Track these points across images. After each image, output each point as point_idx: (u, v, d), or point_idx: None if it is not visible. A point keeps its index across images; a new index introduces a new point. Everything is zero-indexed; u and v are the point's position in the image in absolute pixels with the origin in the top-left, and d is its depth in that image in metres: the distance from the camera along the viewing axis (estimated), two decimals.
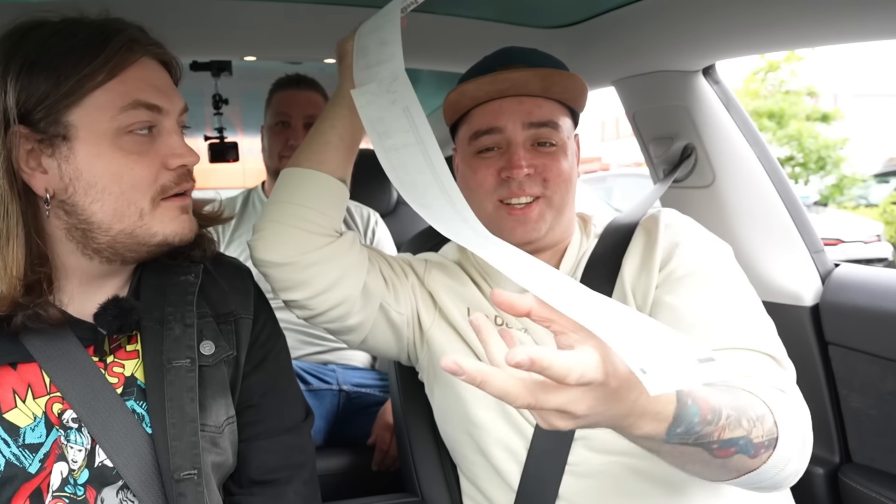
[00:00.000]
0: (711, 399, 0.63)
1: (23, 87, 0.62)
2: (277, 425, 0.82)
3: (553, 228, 0.90)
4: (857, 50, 2.87)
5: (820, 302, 1.20)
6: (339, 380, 1.47)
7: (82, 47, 0.64)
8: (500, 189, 0.88)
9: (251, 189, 1.71)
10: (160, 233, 0.70)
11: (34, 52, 0.63)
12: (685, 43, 1.12)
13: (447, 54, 1.32)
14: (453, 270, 1.00)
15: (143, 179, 0.68)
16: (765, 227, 1.27)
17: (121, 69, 0.65)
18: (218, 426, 0.75)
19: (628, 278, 0.88)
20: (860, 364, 1.11)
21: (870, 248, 6.53)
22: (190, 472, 0.69)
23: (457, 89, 0.90)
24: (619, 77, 1.32)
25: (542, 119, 0.87)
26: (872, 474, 1.10)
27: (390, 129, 0.84)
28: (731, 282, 0.83)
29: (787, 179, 1.29)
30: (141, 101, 0.66)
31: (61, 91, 0.62)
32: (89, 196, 0.66)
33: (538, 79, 0.85)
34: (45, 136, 0.64)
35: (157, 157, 0.69)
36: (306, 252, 0.82)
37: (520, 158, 0.85)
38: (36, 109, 0.63)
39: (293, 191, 0.86)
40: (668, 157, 1.29)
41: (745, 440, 0.65)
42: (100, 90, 0.64)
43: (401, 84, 0.86)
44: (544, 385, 0.47)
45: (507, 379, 0.46)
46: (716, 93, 1.24)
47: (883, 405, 1.07)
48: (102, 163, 0.65)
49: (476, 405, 0.89)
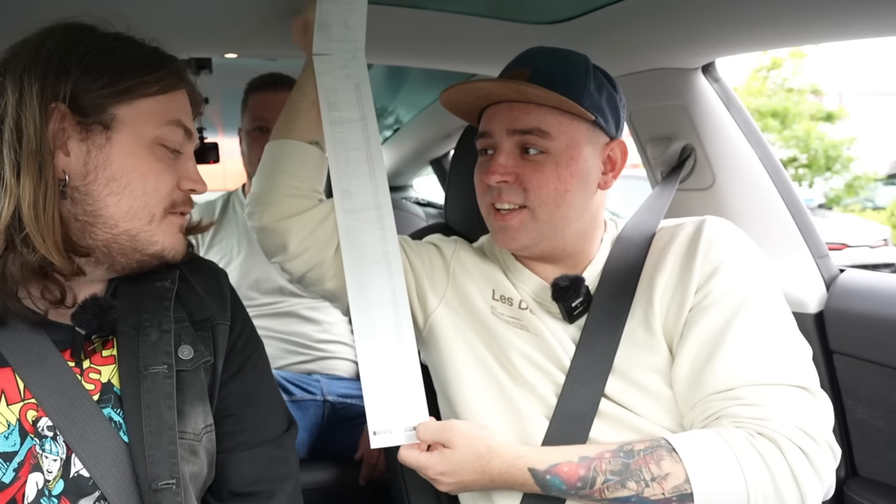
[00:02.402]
0: (582, 469, 0.78)
1: (84, 72, 0.67)
2: (257, 436, 0.82)
3: (542, 240, 0.90)
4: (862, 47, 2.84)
5: (824, 309, 1.19)
6: (324, 390, 1.47)
7: (147, 59, 0.72)
8: (489, 193, 0.90)
9: (231, 192, 1.72)
10: (160, 243, 0.74)
11: (98, 47, 0.69)
12: (684, 39, 1.11)
13: (438, 51, 1.33)
14: (482, 255, 1.05)
15: (164, 188, 0.73)
16: (767, 231, 1.25)
17: (171, 90, 0.73)
18: (196, 433, 0.75)
19: (658, 293, 0.88)
20: (866, 374, 1.09)
21: (876, 253, 6.45)
22: (168, 482, 0.68)
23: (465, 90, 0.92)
24: (615, 75, 1.27)
25: (526, 126, 0.86)
26: (879, 489, 1.09)
27: (340, 101, 0.95)
28: (768, 311, 0.83)
29: (791, 181, 1.29)
30: (181, 123, 0.74)
31: (117, 87, 0.68)
32: (109, 188, 0.70)
33: (513, 91, 0.86)
34: (84, 121, 0.68)
35: (176, 175, 0.75)
36: (279, 219, 0.91)
37: (496, 165, 0.87)
38: (86, 94, 0.68)
39: (269, 162, 0.95)
40: (666, 159, 1.29)
41: (637, 498, 0.76)
42: (151, 99, 0.71)
43: (358, 63, 0.97)
44: None
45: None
46: (716, 91, 1.24)
47: (890, 417, 1.05)
48: (135, 161, 0.70)
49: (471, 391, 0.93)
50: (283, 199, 0.93)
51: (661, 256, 0.91)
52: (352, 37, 0.96)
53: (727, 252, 0.86)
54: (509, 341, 0.92)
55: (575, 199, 0.88)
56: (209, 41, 1.26)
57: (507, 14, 1.16)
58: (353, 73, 0.97)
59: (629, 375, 0.87)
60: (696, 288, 0.85)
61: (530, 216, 0.88)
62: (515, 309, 0.95)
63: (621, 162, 0.94)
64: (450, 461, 0.81)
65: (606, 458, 0.78)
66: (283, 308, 1.55)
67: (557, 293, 0.89)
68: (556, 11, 1.15)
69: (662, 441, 0.78)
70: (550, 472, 0.78)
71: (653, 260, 0.92)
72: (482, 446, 0.81)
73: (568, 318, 0.90)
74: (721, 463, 0.74)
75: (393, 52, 1.31)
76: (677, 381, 0.85)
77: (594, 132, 0.89)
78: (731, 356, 0.80)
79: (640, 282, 0.90)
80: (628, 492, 0.76)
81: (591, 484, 0.77)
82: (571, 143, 0.87)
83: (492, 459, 0.80)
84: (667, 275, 0.89)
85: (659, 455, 0.76)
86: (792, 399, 0.78)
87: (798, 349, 0.82)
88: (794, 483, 0.73)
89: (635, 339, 0.88)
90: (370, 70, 1.47)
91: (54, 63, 0.68)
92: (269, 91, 1.54)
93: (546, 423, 0.87)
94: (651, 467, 0.76)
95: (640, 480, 0.76)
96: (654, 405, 0.86)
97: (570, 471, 0.78)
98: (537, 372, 0.90)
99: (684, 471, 0.74)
